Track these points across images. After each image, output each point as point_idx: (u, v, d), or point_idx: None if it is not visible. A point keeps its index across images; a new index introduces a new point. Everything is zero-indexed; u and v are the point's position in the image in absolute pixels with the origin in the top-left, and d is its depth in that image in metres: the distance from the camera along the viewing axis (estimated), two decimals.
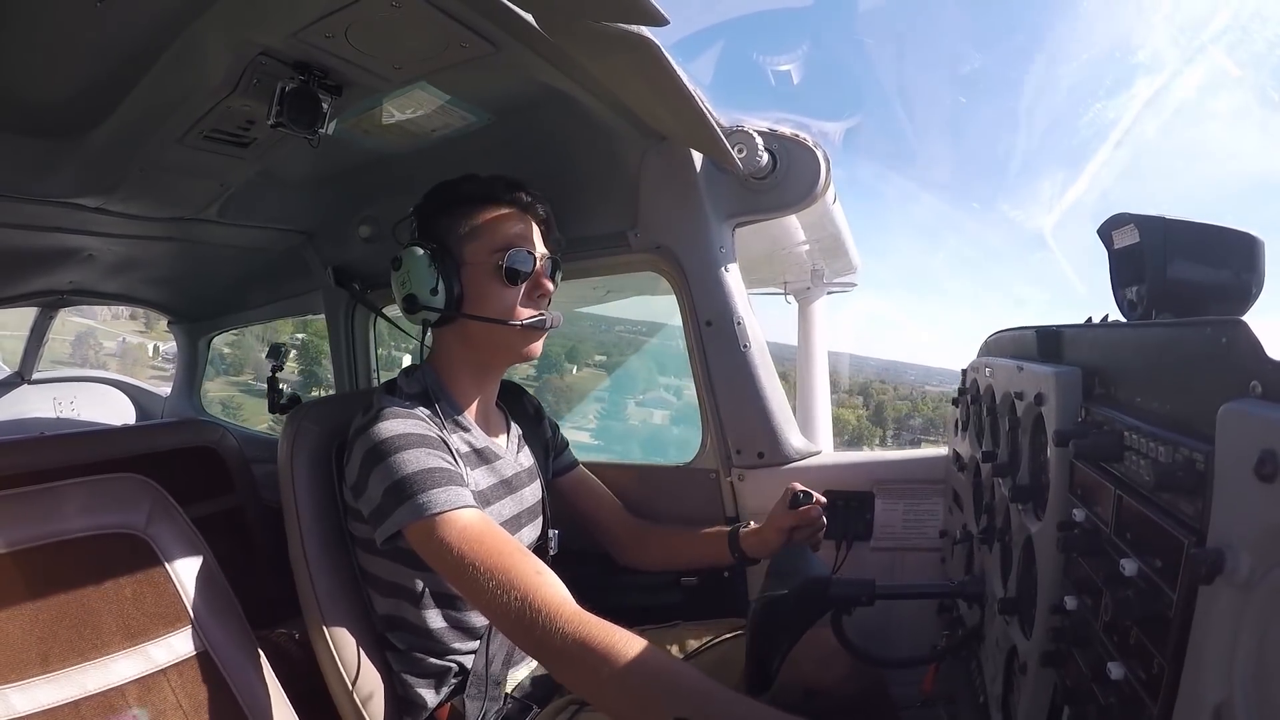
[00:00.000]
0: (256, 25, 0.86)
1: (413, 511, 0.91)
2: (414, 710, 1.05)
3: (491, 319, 1.07)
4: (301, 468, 1.10)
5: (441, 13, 0.84)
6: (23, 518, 0.89)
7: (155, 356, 10.33)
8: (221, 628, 0.97)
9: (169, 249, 1.73)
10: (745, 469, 1.37)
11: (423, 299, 1.05)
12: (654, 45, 0.83)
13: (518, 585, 0.85)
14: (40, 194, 1.26)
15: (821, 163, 1.29)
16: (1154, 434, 0.50)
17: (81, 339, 10.26)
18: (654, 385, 8.68)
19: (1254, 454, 0.37)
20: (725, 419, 1.37)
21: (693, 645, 1.18)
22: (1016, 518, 0.78)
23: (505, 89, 1.11)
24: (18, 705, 0.79)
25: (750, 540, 1.20)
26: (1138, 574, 0.49)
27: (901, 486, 1.33)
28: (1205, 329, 0.48)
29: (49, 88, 1.00)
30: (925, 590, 1.11)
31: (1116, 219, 0.80)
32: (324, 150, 1.06)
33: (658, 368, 8.45)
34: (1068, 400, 0.67)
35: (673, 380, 8.10)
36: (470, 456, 1.09)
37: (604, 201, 1.40)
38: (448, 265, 1.06)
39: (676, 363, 7.01)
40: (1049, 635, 0.65)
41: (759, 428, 1.35)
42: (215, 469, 1.92)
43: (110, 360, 10.34)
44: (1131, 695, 0.49)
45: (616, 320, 6.14)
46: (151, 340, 9.84)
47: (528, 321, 1.08)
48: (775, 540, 1.16)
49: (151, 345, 9.96)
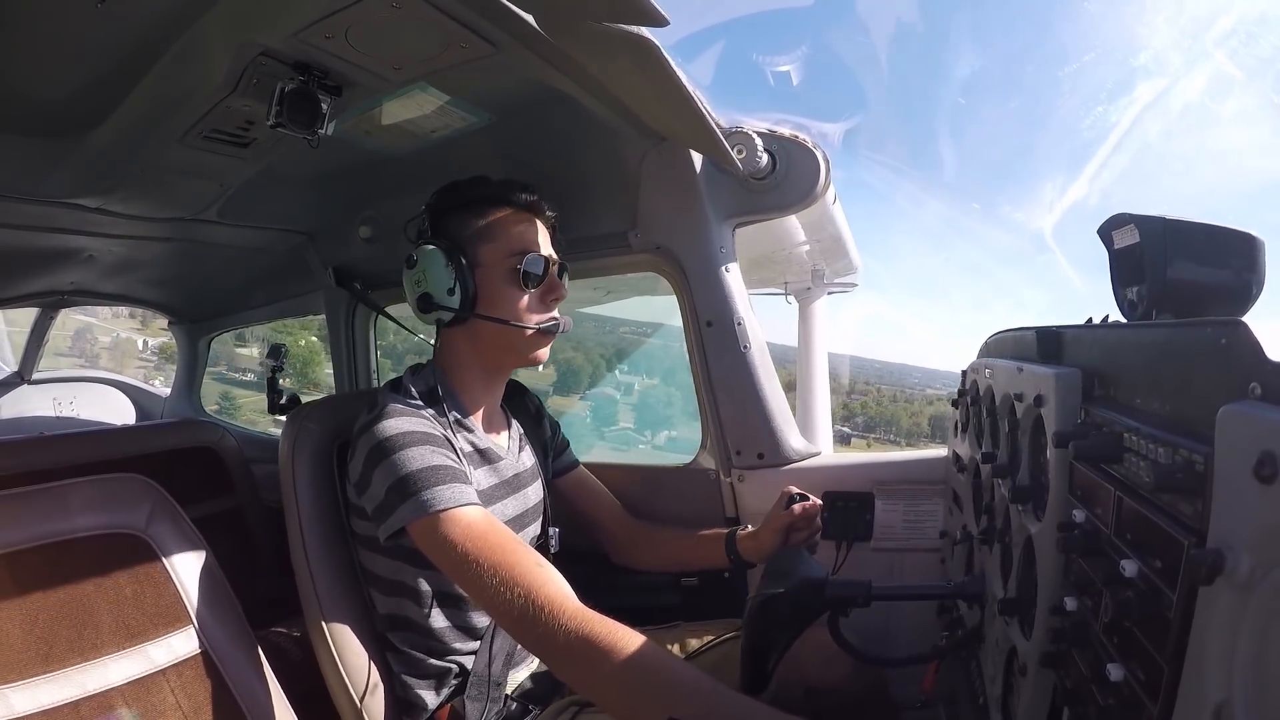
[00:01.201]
0: (257, 26, 0.86)
1: (416, 508, 0.91)
2: (414, 711, 1.05)
3: (508, 321, 1.07)
4: (303, 468, 1.10)
5: (441, 13, 0.84)
6: (23, 518, 0.89)
7: (144, 350, 10.63)
8: (221, 628, 0.97)
9: (169, 249, 1.74)
10: (745, 470, 1.37)
11: (439, 298, 1.06)
12: (654, 46, 0.83)
13: (521, 582, 0.85)
14: (40, 194, 1.26)
15: (821, 163, 1.29)
16: (1153, 435, 0.50)
17: (80, 334, 10.57)
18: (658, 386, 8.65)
19: (1253, 455, 0.37)
20: (725, 420, 1.37)
21: (693, 645, 1.18)
22: (1016, 518, 0.78)
23: (505, 90, 1.11)
24: (18, 705, 0.79)
25: (747, 544, 1.20)
26: (1138, 575, 0.49)
27: (901, 487, 1.33)
28: (1205, 329, 0.48)
29: (49, 88, 1.00)
30: (922, 591, 1.11)
31: (1116, 219, 0.80)
32: (324, 151, 1.06)
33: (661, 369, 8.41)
34: (1067, 401, 0.67)
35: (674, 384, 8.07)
36: (473, 456, 1.09)
37: (604, 202, 1.40)
38: (463, 265, 1.06)
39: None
40: (1049, 636, 0.65)
41: (759, 428, 1.35)
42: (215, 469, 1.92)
43: (104, 353, 10.74)
44: (1131, 696, 0.49)
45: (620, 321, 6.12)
46: (143, 336, 10.12)
47: (541, 325, 1.09)
48: (771, 543, 1.16)
49: (141, 340, 10.22)
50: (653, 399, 8.70)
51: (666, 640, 1.19)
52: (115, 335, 11.45)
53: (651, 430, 8.24)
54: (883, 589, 0.90)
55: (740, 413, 1.35)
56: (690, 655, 1.16)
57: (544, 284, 1.10)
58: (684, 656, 1.15)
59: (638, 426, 8.47)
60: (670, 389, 8.22)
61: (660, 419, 8.21)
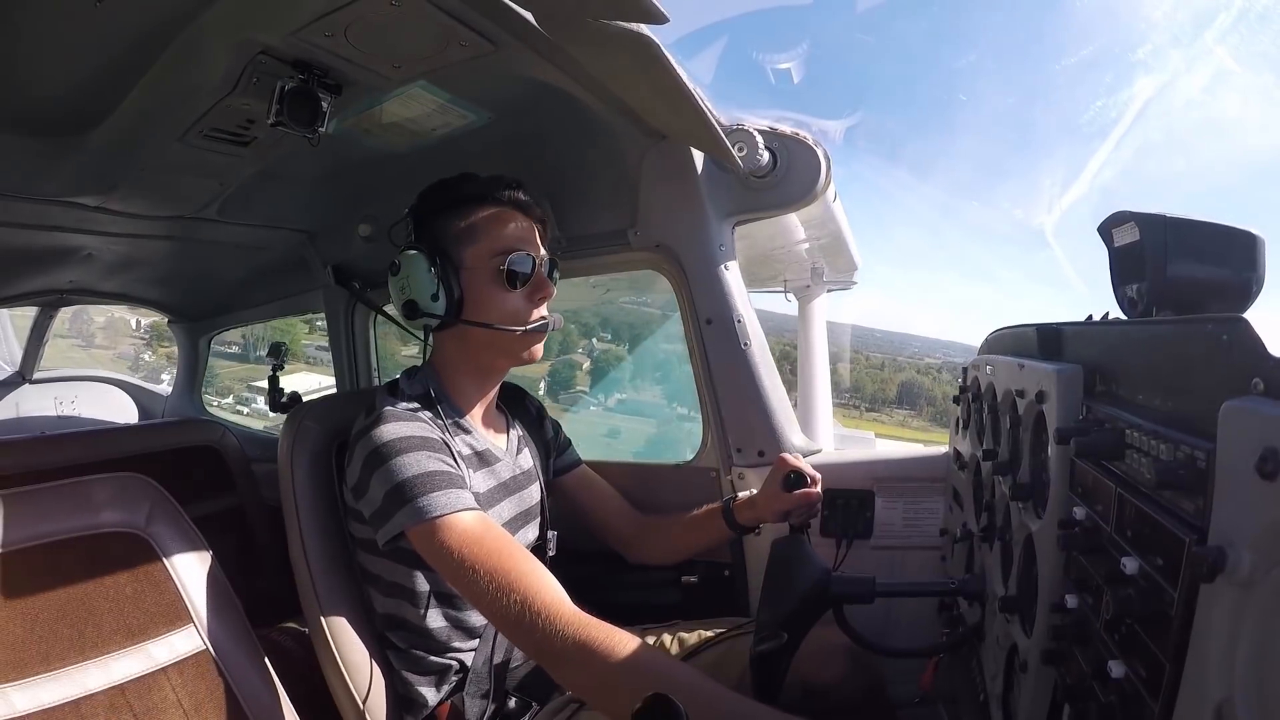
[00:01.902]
0: (256, 24, 0.86)
1: (413, 515, 0.91)
2: (414, 708, 1.05)
3: (493, 325, 1.06)
4: (302, 467, 1.10)
5: (441, 11, 0.84)
6: (24, 517, 0.89)
7: (138, 329, 10.88)
8: (222, 626, 0.97)
9: (169, 248, 1.73)
10: (746, 468, 1.37)
11: (423, 305, 1.05)
12: (654, 44, 0.83)
13: (517, 587, 0.85)
14: (40, 193, 1.26)
15: (822, 161, 1.29)
16: (1155, 432, 0.50)
17: (77, 315, 10.91)
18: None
19: (1255, 452, 0.37)
20: (726, 417, 1.37)
21: (692, 644, 1.18)
22: (1017, 516, 0.78)
23: (505, 88, 1.11)
24: (18, 704, 0.79)
25: (745, 514, 1.21)
26: (1139, 572, 0.49)
27: (901, 485, 1.33)
28: (1206, 326, 0.47)
29: (48, 87, 1.00)
30: (926, 588, 1.11)
31: (1116, 217, 0.80)
32: (324, 149, 1.06)
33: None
34: (1069, 398, 0.67)
35: None
36: (471, 459, 1.09)
37: (604, 200, 1.40)
38: (447, 270, 1.05)
39: None
40: (1049, 633, 0.65)
41: (759, 426, 1.35)
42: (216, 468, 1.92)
43: (99, 332, 11.10)
44: (1132, 693, 0.49)
45: None
46: (136, 315, 10.41)
47: (530, 326, 1.08)
48: (770, 518, 1.17)
49: (135, 319, 10.44)
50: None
51: (666, 639, 1.19)
52: (110, 314, 11.70)
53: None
54: (886, 585, 0.91)
55: (740, 410, 1.35)
56: (690, 653, 1.16)
57: (531, 283, 1.08)
58: (683, 655, 1.15)
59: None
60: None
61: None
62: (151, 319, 2.42)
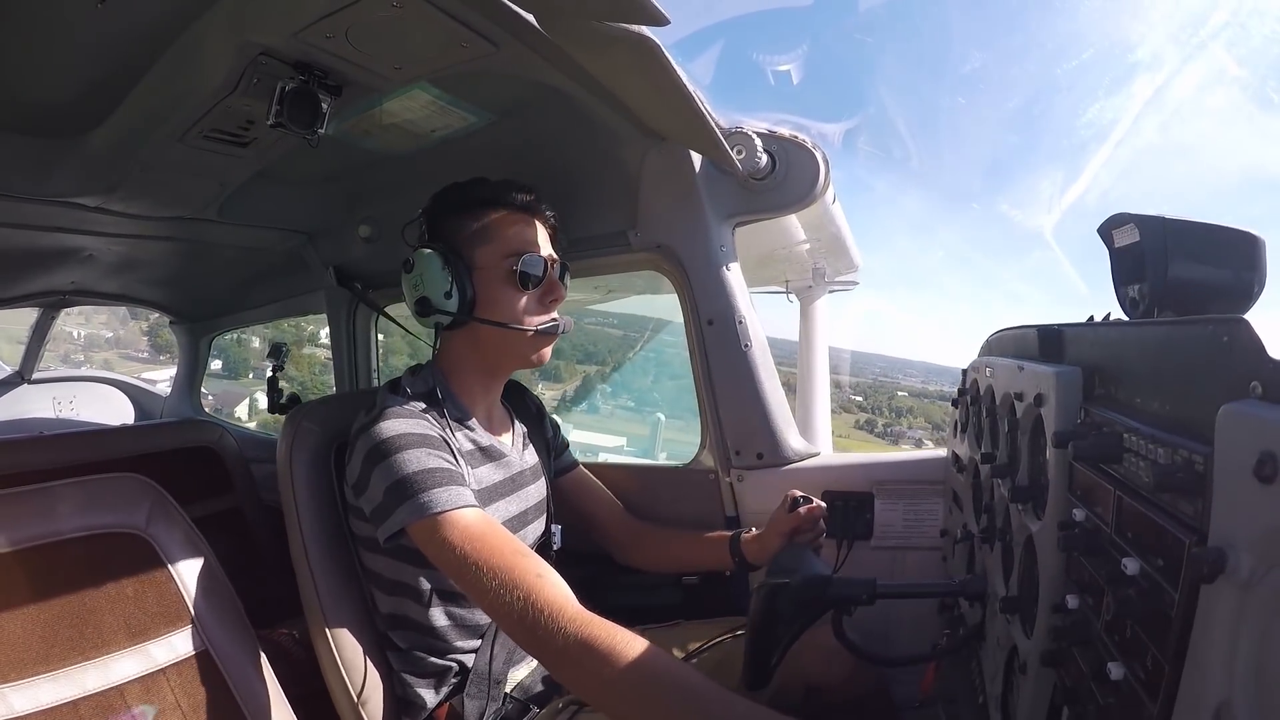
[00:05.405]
0: (257, 25, 0.86)
1: (414, 511, 0.91)
2: (413, 710, 1.05)
3: (506, 324, 1.07)
4: (301, 467, 1.10)
5: (442, 13, 0.84)
6: (23, 517, 0.89)
7: None
8: (222, 627, 0.97)
9: (169, 249, 1.74)
10: (744, 470, 1.36)
11: (436, 302, 1.06)
12: (654, 45, 0.83)
13: (520, 585, 0.84)
14: (40, 194, 1.26)
15: (820, 164, 1.29)
16: (1153, 435, 0.50)
17: None
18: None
19: (1253, 455, 0.37)
20: (725, 419, 1.37)
21: (693, 645, 1.18)
22: (1017, 517, 0.78)
23: (506, 89, 1.11)
24: (17, 705, 0.79)
25: (751, 546, 1.19)
26: (1139, 573, 0.49)
27: (901, 487, 1.33)
28: (1207, 327, 0.47)
29: (49, 88, 1.00)
30: (926, 589, 1.10)
31: (1116, 218, 0.80)
32: (324, 150, 1.06)
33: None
34: (1068, 401, 0.67)
35: None
36: (475, 454, 1.09)
37: (604, 201, 1.40)
38: (460, 268, 1.06)
39: None
40: (1050, 634, 0.65)
41: (759, 428, 1.35)
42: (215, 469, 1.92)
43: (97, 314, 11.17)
44: (1132, 695, 0.49)
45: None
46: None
47: (541, 327, 1.09)
48: (776, 545, 1.15)
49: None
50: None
51: (667, 639, 1.19)
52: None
53: None
54: (887, 587, 0.90)
55: (740, 412, 1.35)
56: (691, 654, 1.16)
57: (543, 285, 1.10)
58: (684, 656, 1.15)
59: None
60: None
61: None
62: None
